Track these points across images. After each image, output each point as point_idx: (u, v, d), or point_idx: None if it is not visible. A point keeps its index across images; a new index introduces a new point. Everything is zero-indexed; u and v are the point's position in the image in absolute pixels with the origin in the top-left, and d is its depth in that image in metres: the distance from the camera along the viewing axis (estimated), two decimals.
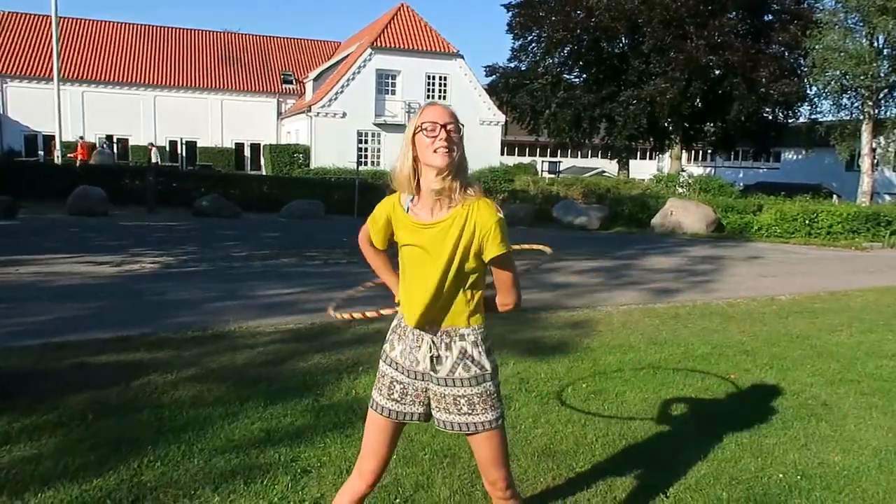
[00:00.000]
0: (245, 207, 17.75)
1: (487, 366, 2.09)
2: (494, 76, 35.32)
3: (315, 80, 35.88)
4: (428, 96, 33.14)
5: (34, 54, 35.51)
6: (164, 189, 18.39)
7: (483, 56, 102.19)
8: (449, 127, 1.95)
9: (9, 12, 37.32)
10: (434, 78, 33.29)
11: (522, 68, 34.34)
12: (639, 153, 46.60)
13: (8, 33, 36.36)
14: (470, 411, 2.08)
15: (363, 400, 4.02)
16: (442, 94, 33.54)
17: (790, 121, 33.94)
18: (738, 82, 28.77)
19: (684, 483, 3.18)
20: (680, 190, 25.66)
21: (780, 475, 3.31)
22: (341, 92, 31.88)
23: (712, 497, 3.06)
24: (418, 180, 2.00)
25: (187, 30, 40.92)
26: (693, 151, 50.44)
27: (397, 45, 32.40)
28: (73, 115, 33.96)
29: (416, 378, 2.10)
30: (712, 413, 4.17)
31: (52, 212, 14.87)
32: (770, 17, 32.10)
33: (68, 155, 23.28)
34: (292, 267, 9.54)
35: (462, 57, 33.60)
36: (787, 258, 13.70)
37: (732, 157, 49.66)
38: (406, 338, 2.11)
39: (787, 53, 30.98)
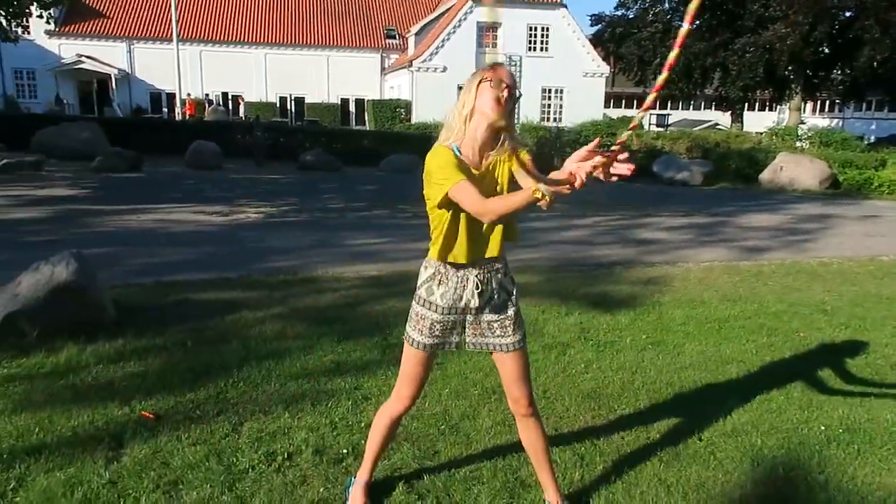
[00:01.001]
0: (347, 161, 18.47)
1: (514, 291, 2.38)
2: (600, 25, 34.16)
3: (417, 34, 36.08)
4: (530, 48, 32.59)
5: (157, 17, 37.82)
6: (272, 144, 19.44)
7: (588, 5, 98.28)
8: (513, 90, 2.16)
9: None
10: (536, 29, 32.61)
11: (630, 16, 32.99)
12: (757, 104, 43.87)
13: None
14: (502, 333, 2.36)
15: None
16: (544, 45, 32.85)
17: None
18: (871, 24, 26.28)
19: (721, 429, 3.30)
20: (798, 144, 24.11)
21: (823, 427, 3.35)
22: (442, 46, 31.92)
23: (746, 443, 3.17)
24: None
25: None
26: (818, 102, 46.92)
27: None
28: (192, 73, 36.17)
29: (456, 313, 2.35)
30: (770, 369, 4.19)
31: (173, 165, 16.14)
32: None
33: (182, 110, 24.99)
34: (383, 219, 10.00)
35: (565, 6, 32.63)
36: None
37: (865, 107, 45.76)
38: (449, 280, 2.35)
39: None
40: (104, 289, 4.44)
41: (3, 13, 15.38)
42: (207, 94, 35.09)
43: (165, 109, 35.32)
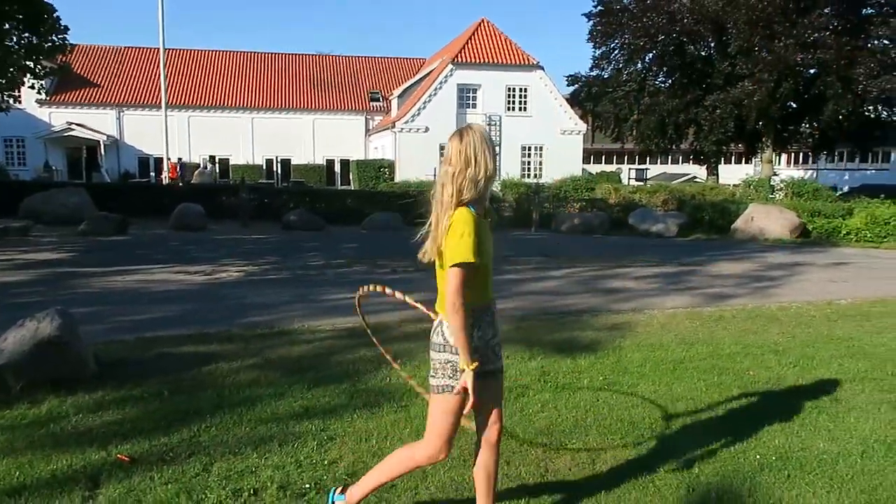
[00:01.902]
0: (331, 220, 18.86)
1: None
2: (576, 85, 35.41)
3: (400, 96, 37.21)
4: (508, 108, 33.66)
5: (146, 85, 38.84)
6: (258, 205, 19.85)
7: (564, 66, 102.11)
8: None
9: (124, 47, 41.13)
10: (514, 90, 33.77)
11: (605, 76, 34.26)
12: (733, 157, 45.17)
13: (124, 66, 40.05)
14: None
15: (394, 386, 4.60)
16: (522, 105, 33.95)
17: None
18: (832, 81, 27.54)
19: (662, 459, 3.53)
20: (771, 195, 24.86)
21: (758, 455, 3.60)
22: (423, 108, 32.92)
23: (685, 472, 3.40)
24: None
25: (281, 54, 43.50)
26: (791, 154, 48.36)
27: (478, 60, 33.14)
28: (181, 137, 36.96)
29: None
30: (716, 405, 4.44)
31: (158, 227, 16.44)
32: (870, 11, 30.51)
33: (159, 176, 25.71)
34: (362, 274, 10.27)
35: (542, 68, 33.90)
36: (870, 264, 13.20)
37: (837, 158, 47.16)
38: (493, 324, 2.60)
39: (890, 47, 29.26)
40: (87, 344, 4.66)
41: None
42: (205, 158, 35.65)
43: (153, 173, 35.87)
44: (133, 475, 3.18)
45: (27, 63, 16.02)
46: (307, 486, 3.14)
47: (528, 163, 34.37)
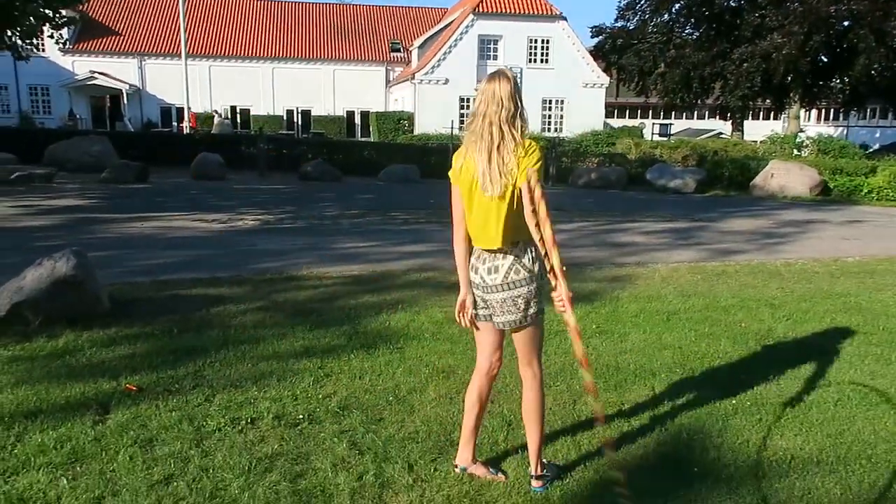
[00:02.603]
0: (348, 172, 18.99)
1: None
2: (600, 37, 34.62)
3: (420, 47, 36.74)
4: (530, 60, 33.13)
5: (167, 33, 38.73)
6: (276, 155, 20.02)
7: (588, 17, 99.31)
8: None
9: None
10: (536, 41, 33.17)
11: (630, 28, 33.41)
12: (761, 113, 44.20)
13: (144, 15, 39.86)
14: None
15: (392, 329, 4.79)
16: (544, 57, 33.39)
17: None
18: (865, 33, 26.60)
19: (641, 401, 3.71)
20: (797, 152, 24.42)
21: (734, 401, 3.74)
22: (444, 59, 32.54)
23: (661, 413, 3.56)
24: None
25: (302, 2, 42.95)
26: (822, 110, 47.15)
27: (499, 10, 32.52)
28: (202, 88, 36.99)
29: None
30: (703, 353, 4.57)
31: (178, 176, 16.70)
32: None
33: (180, 124, 25.89)
34: (375, 225, 10.45)
35: (565, 19, 33.19)
36: (887, 223, 13.07)
37: (868, 115, 45.93)
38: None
39: None
40: (102, 285, 4.91)
41: (17, 32, 16.03)
42: (225, 108, 35.77)
43: (175, 123, 36.12)
44: (140, 403, 3.43)
45: (45, 11, 16.11)
46: (300, 416, 3.36)
47: (549, 116, 33.98)
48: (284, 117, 39.00)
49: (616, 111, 46.85)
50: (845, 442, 3.30)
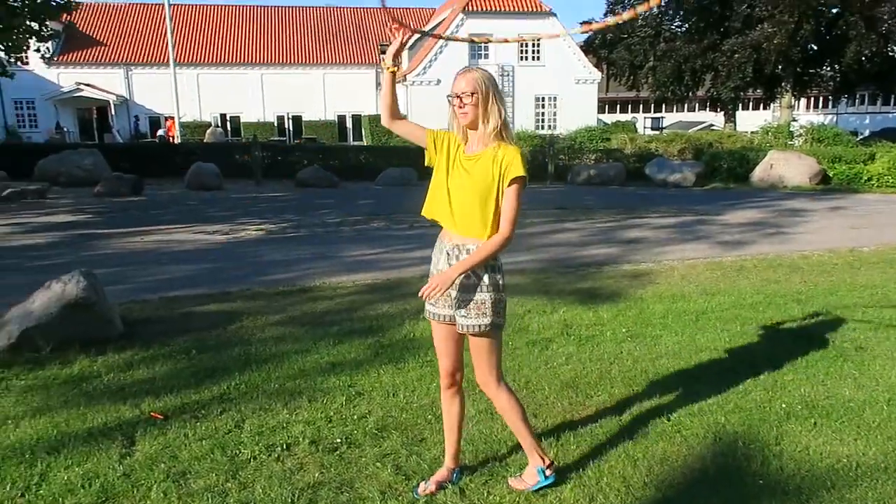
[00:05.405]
0: (344, 177, 18.76)
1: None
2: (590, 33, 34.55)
3: (410, 48, 36.47)
4: (522, 57, 33.01)
5: (153, 43, 38.37)
6: (270, 163, 19.77)
7: (578, 13, 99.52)
8: (462, 96, 2.56)
9: (128, 3, 40.50)
10: None
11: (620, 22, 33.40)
12: (751, 104, 44.27)
13: (129, 25, 39.49)
14: (466, 314, 2.64)
15: (418, 341, 4.63)
16: (535, 55, 33.27)
17: None
18: (855, 20, 26.65)
19: (688, 410, 3.55)
20: (790, 141, 24.37)
21: (784, 405, 3.60)
22: (435, 59, 32.38)
23: (710, 421, 3.41)
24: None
25: (288, 7, 42.65)
26: (811, 98, 47.25)
27: (489, 8, 32.39)
28: (190, 96, 36.62)
29: None
30: (740, 354, 4.44)
31: (172, 187, 16.46)
32: None
33: (158, 133, 25.91)
34: (380, 231, 10.28)
35: (555, 15, 33.10)
36: (893, 210, 12.99)
37: (858, 101, 46.07)
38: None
39: None
40: (112, 304, 4.72)
41: (2, 47, 15.69)
42: (216, 117, 35.47)
43: (161, 132, 35.81)
44: (167, 432, 3.24)
45: (32, 24, 15.80)
46: (338, 440, 3.18)
47: (542, 114, 33.86)
48: (275, 123, 38.69)
49: (607, 106, 46.80)
50: None
